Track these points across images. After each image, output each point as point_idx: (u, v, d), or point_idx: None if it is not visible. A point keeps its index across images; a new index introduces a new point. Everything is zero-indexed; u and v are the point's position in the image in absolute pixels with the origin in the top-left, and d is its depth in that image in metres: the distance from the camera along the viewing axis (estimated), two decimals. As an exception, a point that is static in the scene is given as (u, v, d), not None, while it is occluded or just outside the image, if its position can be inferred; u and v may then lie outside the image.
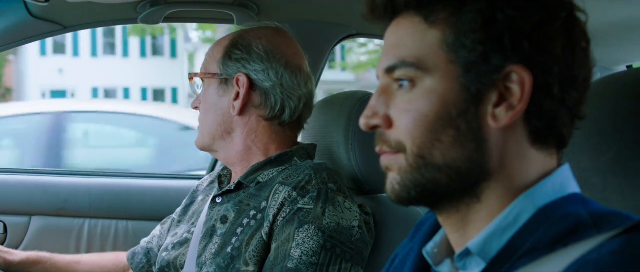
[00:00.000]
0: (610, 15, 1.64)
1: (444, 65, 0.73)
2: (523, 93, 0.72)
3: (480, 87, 0.72)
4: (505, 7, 0.71)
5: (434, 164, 0.73)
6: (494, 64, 0.72)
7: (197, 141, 1.50)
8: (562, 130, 0.75)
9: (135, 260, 1.66)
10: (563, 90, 0.73)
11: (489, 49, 0.72)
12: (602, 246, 0.64)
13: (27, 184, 2.12)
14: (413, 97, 0.75)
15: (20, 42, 1.85)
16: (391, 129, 0.77)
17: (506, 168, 0.74)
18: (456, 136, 0.73)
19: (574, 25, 0.74)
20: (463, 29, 0.72)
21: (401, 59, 0.76)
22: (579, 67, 0.74)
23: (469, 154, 0.73)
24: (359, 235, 1.31)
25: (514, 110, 0.72)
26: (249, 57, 1.41)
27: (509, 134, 0.74)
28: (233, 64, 1.42)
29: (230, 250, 1.32)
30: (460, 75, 0.73)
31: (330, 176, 1.34)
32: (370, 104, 0.78)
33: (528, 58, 0.71)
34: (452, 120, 0.73)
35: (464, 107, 0.73)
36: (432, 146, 0.73)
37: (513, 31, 0.71)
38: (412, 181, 0.75)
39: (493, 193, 0.75)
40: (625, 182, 0.83)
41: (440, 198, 0.76)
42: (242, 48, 1.42)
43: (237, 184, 1.42)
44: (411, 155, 0.74)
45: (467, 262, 0.76)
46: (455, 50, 0.73)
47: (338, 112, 1.52)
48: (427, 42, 0.75)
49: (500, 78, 0.72)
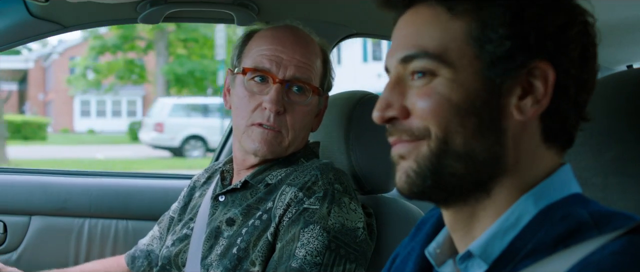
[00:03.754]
0: (610, 15, 1.64)
1: (468, 58, 0.73)
2: (546, 88, 0.72)
3: (504, 80, 0.72)
4: (533, 5, 0.72)
5: (455, 152, 0.72)
6: (518, 59, 0.72)
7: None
8: (572, 130, 0.76)
9: (136, 264, 1.65)
10: (576, 92, 0.74)
11: (515, 45, 0.72)
12: (604, 247, 0.64)
13: (27, 184, 2.12)
14: (434, 85, 0.73)
15: (20, 42, 1.85)
16: (409, 118, 0.75)
17: (519, 165, 0.74)
18: (478, 125, 0.72)
19: (589, 31, 0.75)
20: (490, 22, 0.72)
21: (422, 49, 0.74)
22: (588, 71, 0.75)
23: (489, 145, 0.73)
24: (363, 236, 1.31)
25: (539, 104, 0.73)
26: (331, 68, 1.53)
27: (526, 130, 0.74)
28: (327, 78, 1.50)
29: (236, 251, 1.32)
30: (485, 69, 0.72)
31: (337, 176, 1.34)
32: (383, 96, 0.76)
33: (551, 57, 0.72)
34: (476, 109, 0.72)
35: (488, 98, 0.72)
36: (456, 131, 0.72)
37: (539, 29, 0.72)
38: (430, 168, 0.73)
39: (504, 190, 0.74)
40: (626, 181, 0.83)
41: (452, 191, 0.75)
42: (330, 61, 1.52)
43: (243, 183, 1.41)
44: (435, 140, 0.73)
45: (468, 265, 0.76)
46: (481, 44, 0.72)
47: (338, 112, 1.52)
48: (450, 33, 0.73)
49: (524, 73, 0.72)
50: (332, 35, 2.04)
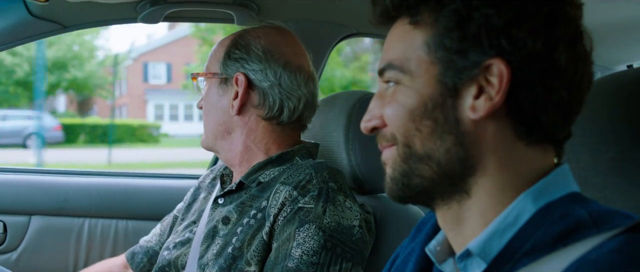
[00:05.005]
0: (610, 15, 1.64)
1: (425, 66, 0.76)
2: (500, 85, 0.72)
3: (457, 81, 0.74)
4: (480, 5, 0.72)
5: (416, 154, 0.76)
6: (472, 60, 0.73)
7: (201, 141, 1.51)
8: (551, 127, 0.74)
9: (135, 260, 1.66)
10: (546, 86, 0.72)
11: (466, 46, 0.73)
12: (602, 246, 0.64)
13: (27, 183, 2.12)
14: (395, 93, 0.78)
15: (20, 42, 1.85)
16: (386, 126, 0.79)
17: (492, 163, 0.74)
18: (433, 127, 0.75)
19: (559, 21, 0.73)
20: (442, 28, 0.74)
21: (389, 62, 0.79)
22: (566, 63, 0.73)
23: (448, 146, 0.74)
24: (359, 234, 1.31)
25: (492, 101, 0.72)
26: (247, 57, 1.41)
27: (492, 128, 0.74)
28: (232, 63, 1.42)
29: (231, 250, 1.32)
30: (439, 73, 0.75)
31: (331, 174, 1.34)
32: (369, 108, 0.82)
33: (506, 53, 0.72)
34: (428, 111, 0.75)
35: (441, 100, 0.74)
36: (413, 135, 0.76)
37: (489, 28, 0.72)
38: (400, 172, 0.78)
39: (482, 189, 0.75)
40: (626, 181, 0.83)
41: (430, 194, 0.77)
42: (241, 48, 1.42)
43: (238, 184, 1.42)
44: (400, 145, 0.77)
45: (467, 263, 0.76)
46: (435, 51, 0.75)
47: (338, 112, 1.52)
48: (411, 44, 0.77)
49: (479, 72, 0.73)
50: (332, 35, 2.04)
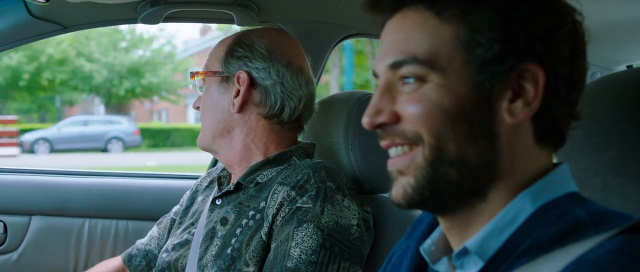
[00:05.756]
0: (610, 15, 1.64)
1: (458, 63, 0.72)
2: (537, 90, 0.72)
3: (494, 84, 0.72)
4: (521, 8, 0.72)
5: (448, 158, 0.72)
6: (508, 63, 0.72)
7: (198, 140, 1.51)
8: (563, 130, 0.76)
9: (133, 262, 1.65)
10: (567, 92, 0.74)
11: (504, 49, 0.71)
12: (600, 246, 0.64)
13: (27, 184, 2.12)
14: (424, 91, 0.73)
15: (20, 42, 1.85)
16: (399, 123, 0.75)
17: (513, 167, 0.74)
18: (470, 130, 0.72)
19: (578, 31, 0.75)
20: (478, 26, 0.72)
21: (411, 54, 0.74)
22: (578, 70, 0.75)
23: (481, 150, 0.72)
24: (357, 234, 1.31)
25: (530, 106, 0.72)
26: (251, 55, 1.41)
27: (518, 133, 0.74)
28: (235, 61, 1.42)
29: (230, 251, 1.32)
30: (474, 73, 0.72)
31: (329, 174, 1.34)
32: (372, 102, 0.76)
33: (541, 59, 0.72)
34: (467, 114, 0.72)
35: (478, 102, 0.72)
36: (447, 137, 0.72)
37: (528, 32, 0.71)
38: (427, 179, 0.73)
39: (499, 193, 0.74)
40: (625, 181, 0.83)
41: (449, 198, 0.74)
42: (244, 46, 1.42)
43: (236, 184, 1.42)
44: (428, 147, 0.73)
45: (464, 261, 0.76)
46: (470, 49, 0.72)
47: (338, 112, 1.52)
48: (439, 38, 0.73)
49: (514, 76, 0.72)
50: (332, 36, 2.04)
